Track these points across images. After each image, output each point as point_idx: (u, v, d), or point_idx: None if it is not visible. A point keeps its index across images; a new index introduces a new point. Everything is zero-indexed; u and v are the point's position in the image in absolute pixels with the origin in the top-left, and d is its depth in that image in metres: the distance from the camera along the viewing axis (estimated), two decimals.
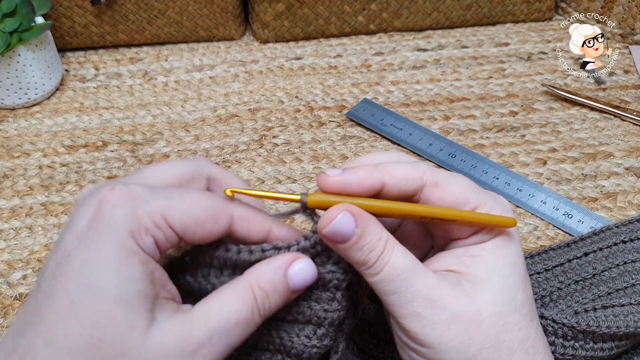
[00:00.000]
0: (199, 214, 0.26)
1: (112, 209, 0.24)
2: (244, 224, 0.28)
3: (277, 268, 0.27)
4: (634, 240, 0.43)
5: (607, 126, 0.59)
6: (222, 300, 0.26)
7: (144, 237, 0.24)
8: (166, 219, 0.25)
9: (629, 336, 0.35)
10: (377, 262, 0.27)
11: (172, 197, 0.26)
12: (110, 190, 0.25)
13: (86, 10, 0.64)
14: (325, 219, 0.26)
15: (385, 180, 0.28)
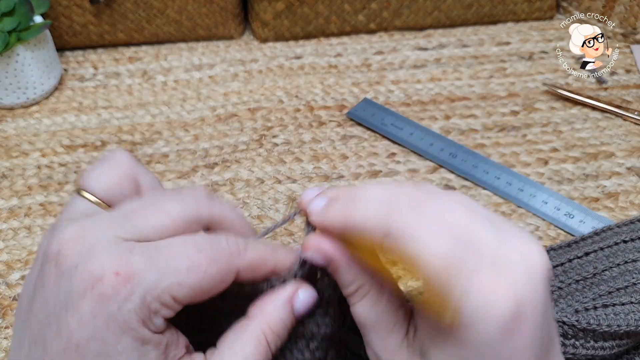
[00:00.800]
0: (207, 285, 0.25)
1: (120, 302, 0.23)
2: (249, 274, 0.27)
3: (284, 305, 0.27)
4: (635, 239, 0.43)
5: (609, 126, 0.58)
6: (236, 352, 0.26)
7: (155, 320, 0.24)
8: (174, 298, 0.24)
9: (630, 335, 0.35)
10: (348, 299, 0.27)
11: (179, 273, 0.24)
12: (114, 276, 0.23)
13: (85, 9, 0.64)
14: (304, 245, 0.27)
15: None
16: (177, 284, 0.24)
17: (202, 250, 0.25)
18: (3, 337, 0.43)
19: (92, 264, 0.23)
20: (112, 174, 0.28)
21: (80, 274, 0.23)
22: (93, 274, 0.23)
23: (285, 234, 0.49)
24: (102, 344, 0.23)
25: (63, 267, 0.24)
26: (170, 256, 0.24)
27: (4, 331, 0.43)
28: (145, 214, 0.26)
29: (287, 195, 0.52)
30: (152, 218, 0.25)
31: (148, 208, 0.26)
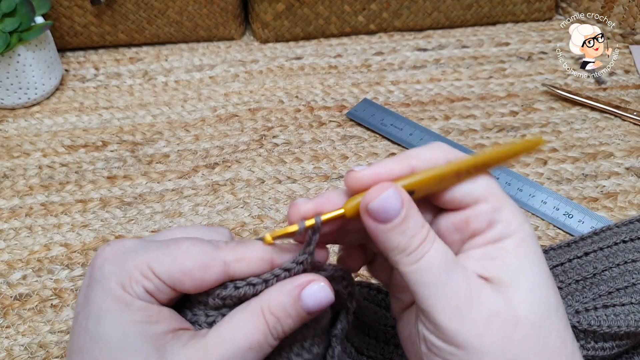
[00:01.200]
0: (186, 264, 0.26)
1: (102, 264, 0.26)
2: (241, 266, 0.27)
3: (289, 292, 0.26)
4: (634, 239, 0.43)
5: (608, 126, 0.59)
6: (234, 325, 0.26)
7: (135, 287, 0.25)
8: (153, 270, 0.26)
9: (630, 335, 0.35)
10: (419, 249, 0.25)
11: (160, 249, 0.26)
12: (105, 246, 0.27)
13: (86, 10, 0.64)
14: (371, 194, 0.25)
15: (414, 164, 0.27)
16: (155, 257, 0.26)
17: (188, 239, 0.27)
18: (4, 336, 0.43)
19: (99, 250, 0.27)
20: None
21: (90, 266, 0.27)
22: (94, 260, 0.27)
23: None
24: (90, 306, 0.26)
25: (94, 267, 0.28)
26: (160, 240, 0.27)
27: (5, 331, 0.43)
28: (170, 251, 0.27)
29: (288, 196, 0.52)
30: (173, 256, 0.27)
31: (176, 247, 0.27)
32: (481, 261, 0.26)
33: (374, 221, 0.26)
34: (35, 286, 0.46)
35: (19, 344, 0.42)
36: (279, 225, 0.50)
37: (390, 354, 0.36)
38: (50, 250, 0.48)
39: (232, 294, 0.27)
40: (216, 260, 0.26)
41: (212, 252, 0.26)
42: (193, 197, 0.52)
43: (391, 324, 0.36)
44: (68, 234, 0.49)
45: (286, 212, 0.51)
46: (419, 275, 0.25)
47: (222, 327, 0.26)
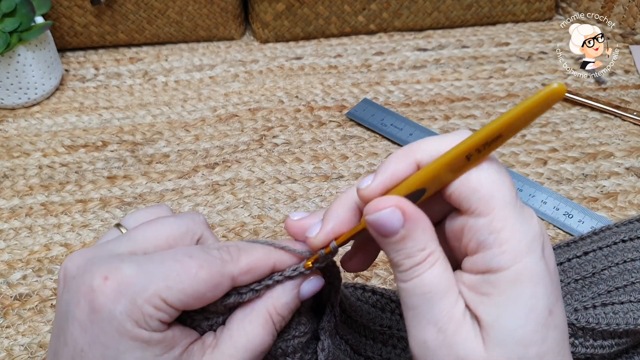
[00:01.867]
0: (198, 289, 0.25)
1: (111, 305, 0.24)
2: (247, 278, 0.27)
3: (291, 291, 0.28)
4: (633, 239, 0.43)
5: (608, 126, 0.59)
6: (246, 332, 0.27)
7: (150, 322, 0.24)
8: (165, 301, 0.25)
9: (629, 333, 0.35)
10: (409, 271, 0.24)
11: (167, 277, 0.25)
12: (103, 280, 0.24)
13: (86, 10, 0.64)
14: (372, 206, 0.24)
15: (418, 158, 0.25)
16: (167, 287, 0.24)
17: (193, 257, 0.25)
18: (4, 336, 0.43)
19: (86, 274, 0.25)
20: (145, 215, 0.30)
21: (76, 284, 0.25)
22: (86, 283, 0.24)
23: (285, 233, 0.49)
24: (104, 347, 0.24)
25: (66, 281, 0.26)
26: (160, 262, 0.25)
27: (5, 330, 0.43)
28: (140, 228, 0.28)
29: (288, 196, 0.52)
30: (148, 231, 0.27)
31: (148, 224, 0.28)
32: (471, 292, 0.24)
33: (374, 232, 0.25)
34: (35, 286, 0.46)
35: (19, 344, 0.42)
36: (279, 225, 0.50)
37: (388, 354, 0.36)
38: (50, 250, 0.48)
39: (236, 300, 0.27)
40: (225, 278, 0.26)
41: (220, 269, 0.26)
42: (193, 197, 0.52)
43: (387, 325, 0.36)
44: (68, 234, 0.49)
45: (286, 212, 0.51)
46: (403, 295, 0.25)
47: (234, 335, 0.26)
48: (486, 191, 0.23)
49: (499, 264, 0.23)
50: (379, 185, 0.25)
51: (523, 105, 0.21)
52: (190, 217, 0.29)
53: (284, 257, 0.28)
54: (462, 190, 0.24)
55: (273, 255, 0.28)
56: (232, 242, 0.28)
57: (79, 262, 0.26)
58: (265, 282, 0.28)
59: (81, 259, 0.26)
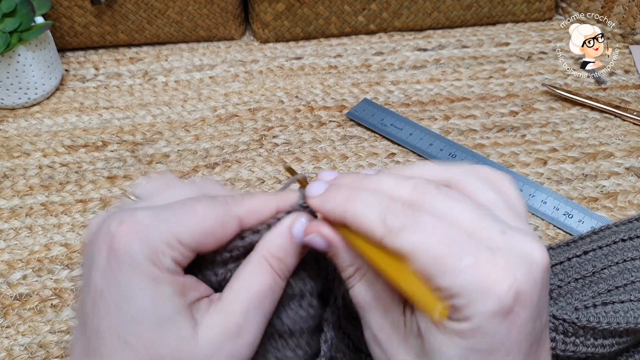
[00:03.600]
0: (208, 227, 0.27)
1: (127, 245, 0.26)
2: (253, 218, 0.29)
3: (282, 233, 0.28)
4: (633, 238, 0.43)
5: (608, 126, 0.59)
6: (244, 279, 0.28)
7: (163, 260, 0.26)
8: (179, 240, 0.26)
9: (629, 332, 0.35)
10: (346, 281, 0.28)
11: (178, 217, 0.27)
12: (119, 225, 0.26)
13: (86, 10, 0.64)
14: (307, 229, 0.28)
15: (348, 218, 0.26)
16: (178, 227, 0.26)
17: (200, 201, 0.28)
18: (4, 336, 0.43)
19: (104, 224, 0.27)
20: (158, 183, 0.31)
21: (96, 235, 0.27)
22: (104, 230, 0.26)
23: None
24: (120, 285, 0.25)
25: (90, 236, 0.28)
26: (171, 207, 0.27)
27: (5, 330, 0.43)
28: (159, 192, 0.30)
29: None
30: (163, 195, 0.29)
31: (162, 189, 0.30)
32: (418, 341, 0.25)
33: None
34: (35, 286, 0.46)
35: (19, 344, 0.42)
36: None
37: None
38: (50, 250, 0.48)
39: (238, 244, 0.28)
40: (232, 217, 0.28)
41: (226, 209, 0.28)
42: None
43: None
44: (68, 234, 0.49)
45: None
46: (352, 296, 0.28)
47: (234, 284, 0.28)
48: None
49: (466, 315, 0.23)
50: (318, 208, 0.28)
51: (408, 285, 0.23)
52: (202, 181, 0.31)
53: (287, 199, 0.29)
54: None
55: (275, 199, 0.29)
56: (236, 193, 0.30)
57: (98, 220, 0.28)
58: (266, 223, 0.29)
59: (101, 217, 0.28)
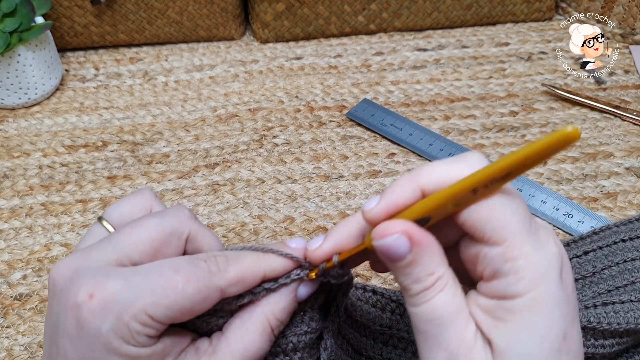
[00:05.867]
0: (185, 304, 0.25)
1: (97, 323, 0.24)
2: (236, 289, 0.27)
3: (288, 296, 0.28)
4: (633, 238, 0.43)
5: (608, 126, 0.59)
6: (243, 339, 0.27)
7: (137, 338, 0.24)
8: (152, 317, 0.24)
9: (630, 333, 0.35)
10: (418, 296, 0.24)
11: (154, 293, 0.24)
12: (89, 298, 0.24)
13: (86, 10, 0.64)
14: (379, 231, 0.24)
15: (423, 184, 0.25)
16: (153, 304, 0.24)
17: (179, 271, 0.25)
18: (4, 336, 0.43)
19: (72, 287, 0.25)
20: (129, 206, 0.29)
21: (64, 297, 0.25)
22: (72, 298, 0.24)
23: (285, 233, 0.49)
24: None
25: (54, 291, 0.26)
26: (145, 276, 0.25)
27: (5, 330, 0.43)
28: (125, 231, 0.27)
29: (288, 196, 0.52)
30: (132, 235, 0.26)
31: (129, 225, 0.27)
32: (485, 315, 0.24)
33: (381, 256, 0.25)
34: (35, 286, 0.46)
35: (19, 344, 0.42)
36: (279, 225, 0.50)
37: (388, 354, 0.36)
38: (50, 250, 0.48)
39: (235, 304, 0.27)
40: (212, 290, 0.25)
41: (207, 282, 0.25)
42: (193, 197, 0.52)
43: (387, 325, 0.36)
44: (68, 234, 0.49)
45: (286, 212, 0.51)
46: (414, 319, 0.25)
47: (232, 343, 0.26)
48: (499, 221, 0.23)
49: (515, 292, 0.23)
50: (383, 209, 0.25)
51: (535, 146, 0.21)
52: (176, 215, 0.28)
53: (274, 264, 0.28)
54: (474, 219, 0.23)
55: (262, 265, 0.27)
56: (220, 252, 0.27)
57: (65, 273, 0.25)
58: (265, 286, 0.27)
59: (67, 270, 0.25)
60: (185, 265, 0.25)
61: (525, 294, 0.23)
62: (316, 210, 0.51)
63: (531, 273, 0.23)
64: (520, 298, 0.23)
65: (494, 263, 0.23)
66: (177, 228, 0.27)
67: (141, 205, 0.29)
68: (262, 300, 0.27)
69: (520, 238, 0.23)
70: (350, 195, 0.52)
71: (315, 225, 0.50)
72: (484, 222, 0.23)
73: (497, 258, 0.23)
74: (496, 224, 0.23)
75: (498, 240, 0.23)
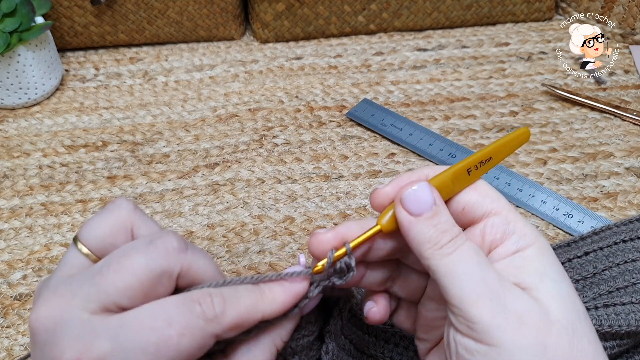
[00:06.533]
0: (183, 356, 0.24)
1: None
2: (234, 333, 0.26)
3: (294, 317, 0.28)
4: (634, 239, 0.43)
5: (608, 126, 0.59)
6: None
7: None
8: None
9: (630, 335, 0.35)
10: (451, 243, 0.26)
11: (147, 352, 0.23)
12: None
13: (86, 10, 0.64)
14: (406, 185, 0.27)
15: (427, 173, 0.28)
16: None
17: (172, 324, 0.23)
18: (4, 336, 0.43)
19: (56, 347, 0.23)
20: (106, 225, 0.27)
21: (49, 355, 0.23)
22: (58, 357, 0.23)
23: (285, 233, 0.49)
24: None
25: (37, 343, 0.24)
26: (137, 333, 0.23)
27: (5, 330, 0.43)
28: (109, 274, 0.24)
29: (288, 196, 0.52)
30: (116, 279, 0.24)
31: (112, 266, 0.24)
32: (506, 270, 0.26)
33: (407, 214, 0.26)
34: (35, 286, 0.46)
35: (19, 344, 0.42)
36: (279, 225, 0.50)
37: (390, 352, 0.36)
38: (50, 250, 0.48)
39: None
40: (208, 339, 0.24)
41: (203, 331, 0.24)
42: (193, 197, 0.52)
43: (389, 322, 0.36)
44: (68, 234, 0.49)
45: (286, 212, 0.51)
46: (452, 266, 0.25)
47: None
48: (494, 195, 0.28)
49: (525, 243, 0.27)
50: (396, 185, 0.28)
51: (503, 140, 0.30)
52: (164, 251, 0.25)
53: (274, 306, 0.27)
54: (475, 199, 0.28)
55: (261, 307, 0.26)
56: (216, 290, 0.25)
57: (46, 324, 0.24)
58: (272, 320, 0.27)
59: (49, 320, 0.24)
60: (178, 316, 0.24)
61: (533, 244, 0.27)
62: (316, 210, 0.51)
63: (529, 230, 0.27)
64: (531, 247, 0.27)
65: (500, 227, 0.27)
66: (166, 268, 0.25)
67: (120, 224, 0.27)
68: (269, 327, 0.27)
69: (510, 209, 0.28)
70: (350, 195, 0.52)
71: (315, 225, 0.50)
72: (483, 198, 0.28)
73: (501, 223, 0.27)
74: (492, 198, 0.28)
75: (498, 210, 0.27)
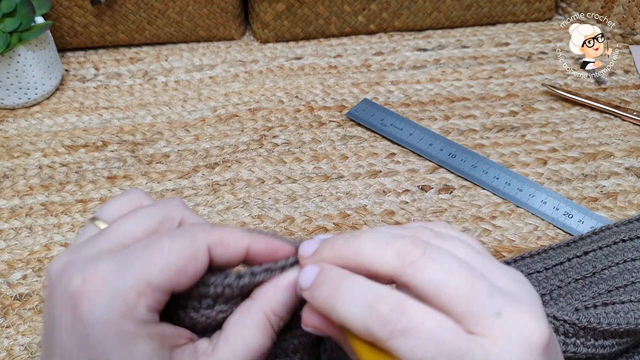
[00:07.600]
0: (178, 263, 0.25)
1: (93, 306, 0.24)
2: (222, 250, 0.26)
3: (286, 289, 0.27)
4: (633, 239, 0.43)
5: (608, 126, 0.59)
6: (242, 336, 0.26)
7: (137, 311, 0.24)
8: (149, 283, 0.24)
9: (630, 333, 0.35)
10: None
11: (144, 260, 0.24)
12: (82, 283, 0.24)
13: (86, 10, 0.64)
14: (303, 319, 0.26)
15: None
16: (147, 269, 0.24)
17: (163, 236, 0.25)
18: (4, 336, 0.43)
19: (63, 278, 0.25)
20: (121, 205, 0.29)
21: (58, 289, 0.25)
22: (64, 288, 0.24)
23: (285, 233, 0.49)
24: (90, 349, 0.24)
25: (49, 287, 0.26)
26: (134, 250, 0.25)
27: (5, 330, 0.43)
28: (117, 225, 0.26)
29: (288, 196, 0.52)
30: (123, 227, 0.26)
31: (122, 218, 0.27)
32: None
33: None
34: (35, 286, 0.46)
35: (19, 344, 0.42)
36: (279, 225, 0.50)
37: None
38: (50, 250, 0.48)
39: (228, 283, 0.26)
40: (199, 247, 0.25)
41: (192, 239, 0.25)
42: (193, 197, 0.52)
43: None
44: (68, 234, 0.49)
45: (286, 212, 0.51)
46: None
47: (231, 340, 0.26)
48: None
49: None
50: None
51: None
52: (166, 203, 0.28)
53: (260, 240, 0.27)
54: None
55: (247, 236, 0.27)
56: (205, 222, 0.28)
57: (57, 267, 0.25)
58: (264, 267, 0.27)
59: (59, 264, 0.25)
60: (168, 233, 0.26)
61: None
62: (316, 210, 0.51)
63: None
64: None
65: None
66: (167, 215, 0.27)
67: (131, 203, 0.29)
68: (260, 295, 0.27)
69: None
70: (350, 195, 0.52)
71: (315, 225, 0.50)
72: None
73: None
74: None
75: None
